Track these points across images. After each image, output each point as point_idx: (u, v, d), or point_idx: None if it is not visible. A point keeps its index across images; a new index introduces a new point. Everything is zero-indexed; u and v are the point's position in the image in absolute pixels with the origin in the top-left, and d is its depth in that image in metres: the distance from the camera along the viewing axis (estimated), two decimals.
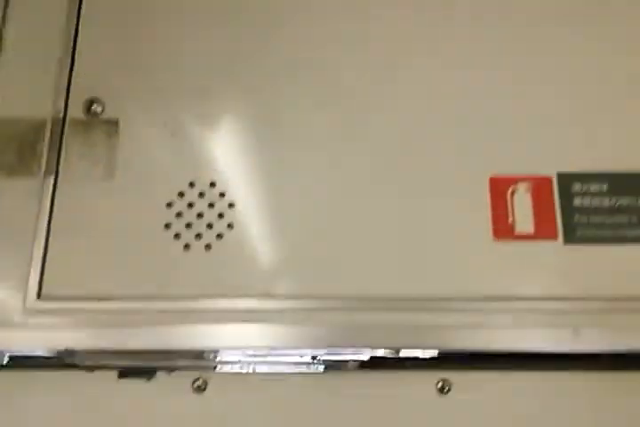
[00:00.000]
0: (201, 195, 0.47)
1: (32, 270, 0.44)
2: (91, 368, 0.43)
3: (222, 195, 0.47)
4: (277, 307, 0.44)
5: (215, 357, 0.43)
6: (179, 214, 0.47)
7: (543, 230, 0.46)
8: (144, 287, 0.45)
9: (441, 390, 0.42)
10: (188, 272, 0.45)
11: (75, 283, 0.45)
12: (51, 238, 0.46)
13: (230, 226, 0.46)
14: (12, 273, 0.45)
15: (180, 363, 0.43)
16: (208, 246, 0.46)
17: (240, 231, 0.46)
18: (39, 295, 0.44)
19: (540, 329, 0.43)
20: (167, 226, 0.46)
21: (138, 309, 0.44)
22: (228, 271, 0.45)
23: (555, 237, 0.46)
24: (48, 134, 0.48)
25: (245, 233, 0.47)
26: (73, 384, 0.43)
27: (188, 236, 0.46)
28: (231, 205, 0.47)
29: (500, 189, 0.47)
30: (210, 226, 0.46)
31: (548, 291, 0.45)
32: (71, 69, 0.50)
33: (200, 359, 0.43)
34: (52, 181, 0.47)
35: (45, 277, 0.45)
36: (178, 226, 0.46)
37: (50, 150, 0.48)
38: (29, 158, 0.48)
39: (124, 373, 0.43)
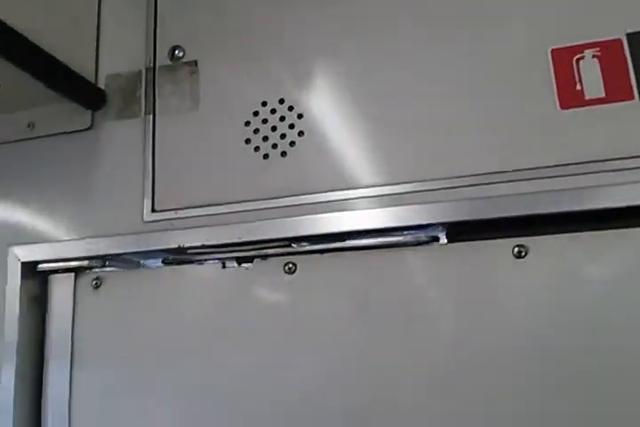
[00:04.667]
0: (273, 111, 0.53)
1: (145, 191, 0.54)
2: (200, 262, 0.51)
3: (291, 108, 0.52)
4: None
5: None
6: (256, 130, 0.53)
7: (616, 93, 0.44)
8: (235, 193, 0.51)
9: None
10: (271, 177, 0.51)
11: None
12: (156, 164, 0.55)
13: (301, 133, 0.51)
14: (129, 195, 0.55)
15: (272, 251, 0.49)
16: (284, 153, 0.51)
17: (310, 137, 0.51)
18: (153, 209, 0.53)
19: None
20: (247, 141, 0.52)
21: (232, 210, 0.51)
22: (304, 172, 0.50)
23: (631, 97, 0.44)
24: (144, 82, 0.58)
25: (315, 139, 0.51)
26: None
27: (265, 147, 0.52)
28: (300, 116, 0.52)
29: (563, 60, 0.46)
30: (283, 136, 0.52)
31: None
32: (155, 26, 0.59)
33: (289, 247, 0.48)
34: (151, 119, 0.56)
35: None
36: (256, 140, 0.52)
37: (147, 95, 0.57)
38: (132, 103, 0.58)
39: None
